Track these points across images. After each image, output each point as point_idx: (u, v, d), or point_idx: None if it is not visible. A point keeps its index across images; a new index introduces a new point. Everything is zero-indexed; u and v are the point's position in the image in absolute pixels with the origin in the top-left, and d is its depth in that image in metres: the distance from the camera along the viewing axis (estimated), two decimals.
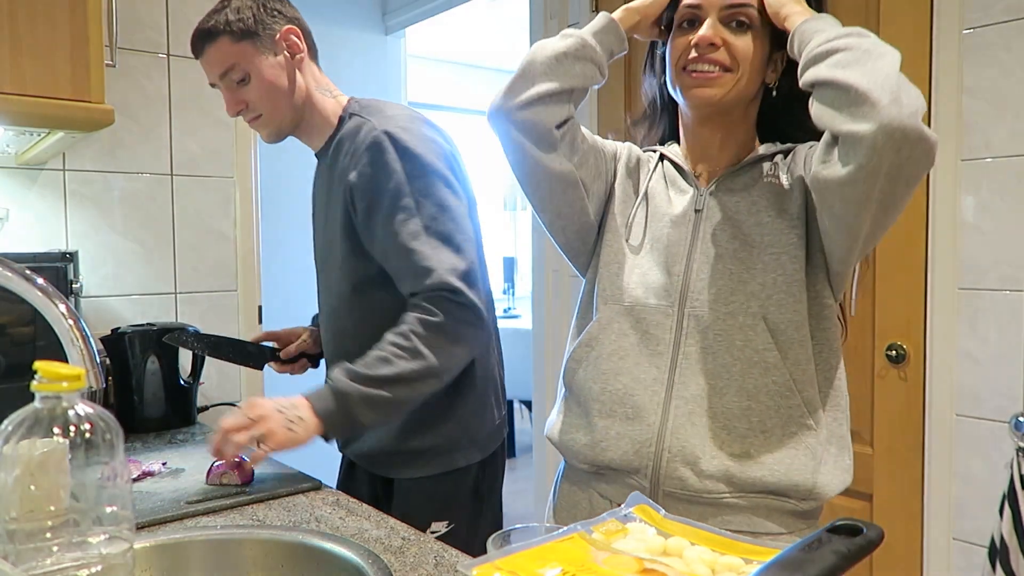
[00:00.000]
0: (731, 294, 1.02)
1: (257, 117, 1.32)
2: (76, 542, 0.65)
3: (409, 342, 1.19)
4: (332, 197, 1.32)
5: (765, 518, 1.02)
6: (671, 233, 1.07)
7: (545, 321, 2.76)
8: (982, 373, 1.72)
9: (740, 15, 1.01)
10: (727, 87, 1.03)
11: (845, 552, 0.56)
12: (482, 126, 1.13)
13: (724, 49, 1.01)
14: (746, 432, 1.00)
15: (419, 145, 1.24)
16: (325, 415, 1.16)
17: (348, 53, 3.60)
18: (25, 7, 1.21)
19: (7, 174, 1.74)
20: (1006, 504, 1.50)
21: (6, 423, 0.63)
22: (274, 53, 1.29)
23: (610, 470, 1.08)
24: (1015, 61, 1.64)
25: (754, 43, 1.02)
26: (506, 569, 0.65)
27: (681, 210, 1.08)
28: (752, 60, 1.03)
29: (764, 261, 1.02)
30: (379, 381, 1.17)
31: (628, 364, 1.06)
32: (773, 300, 1.01)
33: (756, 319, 1.00)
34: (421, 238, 1.21)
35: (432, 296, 1.21)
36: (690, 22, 1.04)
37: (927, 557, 1.82)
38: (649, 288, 1.06)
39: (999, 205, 1.68)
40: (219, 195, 2.02)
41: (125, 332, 1.67)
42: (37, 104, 1.23)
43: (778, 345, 1.00)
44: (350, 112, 1.33)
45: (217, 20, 1.27)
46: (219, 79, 1.31)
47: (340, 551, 0.92)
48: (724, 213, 1.05)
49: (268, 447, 1.12)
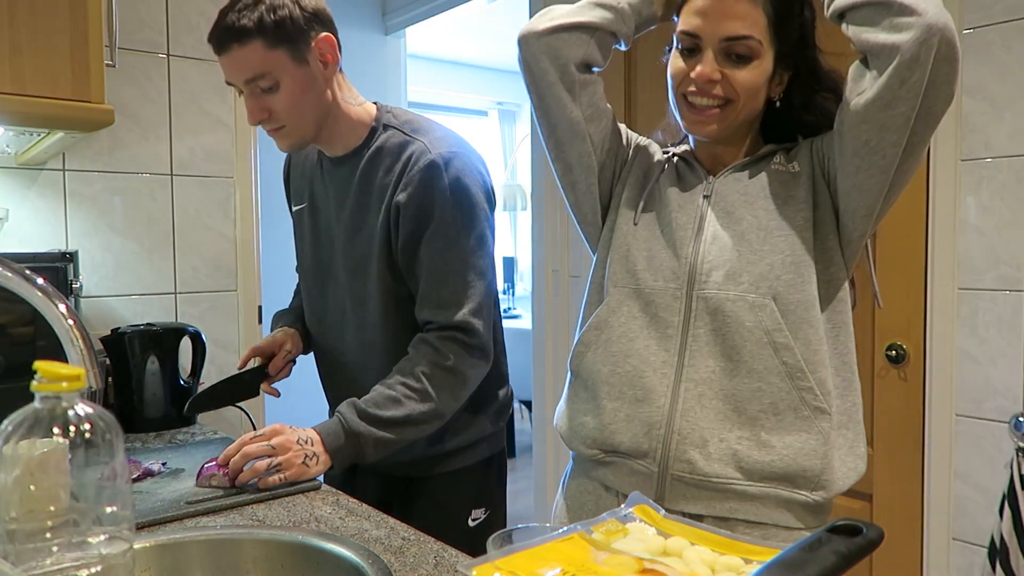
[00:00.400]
0: (740, 275, 1.02)
1: (280, 128, 1.24)
2: (76, 542, 0.65)
3: (420, 384, 1.22)
4: (365, 209, 1.29)
5: (773, 509, 1.02)
6: (679, 217, 1.08)
7: (545, 321, 2.76)
8: (982, 373, 1.72)
9: (740, 48, 1.01)
10: (727, 120, 1.04)
11: (845, 552, 0.56)
12: (482, 126, 1.14)
13: (724, 82, 1.02)
14: (757, 414, 1.01)
15: (469, 176, 1.25)
16: (335, 452, 1.19)
17: (348, 53, 3.57)
18: (25, 7, 1.21)
19: (7, 174, 1.74)
20: (1006, 504, 1.50)
21: (6, 423, 0.63)
22: (307, 62, 1.20)
23: (617, 455, 1.08)
24: (1015, 61, 1.65)
25: (755, 72, 1.02)
26: (506, 569, 0.65)
27: (689, 195, 1.09)
28: (753, 89, 1.03)
29: (772, 243, 1.02)
30: (389, 423, 1.20)
31: (637, 346, 1.07)
32: (782, 280, 1.01)
33: (766, 299, 1.01)
34: (457, 270, 1.24)
35: (446, 336, 1.23)
36: (690, 49, 1.04)
37: (927, 557, 1.82)
38: (658, 271, 1.07)
39: (999, 205, 1.68)
40: (219, 195, 2.02)
41: (125, 332, 1.67)
42: (37, 104, 1.23)
43: (788, 325, 1.00)
44: (384, 123, 1.30)
45: (251, 18, 1.15)
46: (244, 84, 1.21)
47: (340, 551, 0.92)
48: (731, 198, 1.07)
49: (282, 476, 1.15)
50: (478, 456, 1.38)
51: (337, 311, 1.39)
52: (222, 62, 1.21)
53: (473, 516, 1.36)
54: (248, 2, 1.17)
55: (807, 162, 1.06)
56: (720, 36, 1.00)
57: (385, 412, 1.20)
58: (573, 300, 2.65)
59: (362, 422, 1.19)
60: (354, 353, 1.37)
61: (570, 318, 2.66)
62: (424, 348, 1.24)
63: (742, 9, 1.00)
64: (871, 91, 0.93)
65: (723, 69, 1.01)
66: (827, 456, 1.00)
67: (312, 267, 1.42)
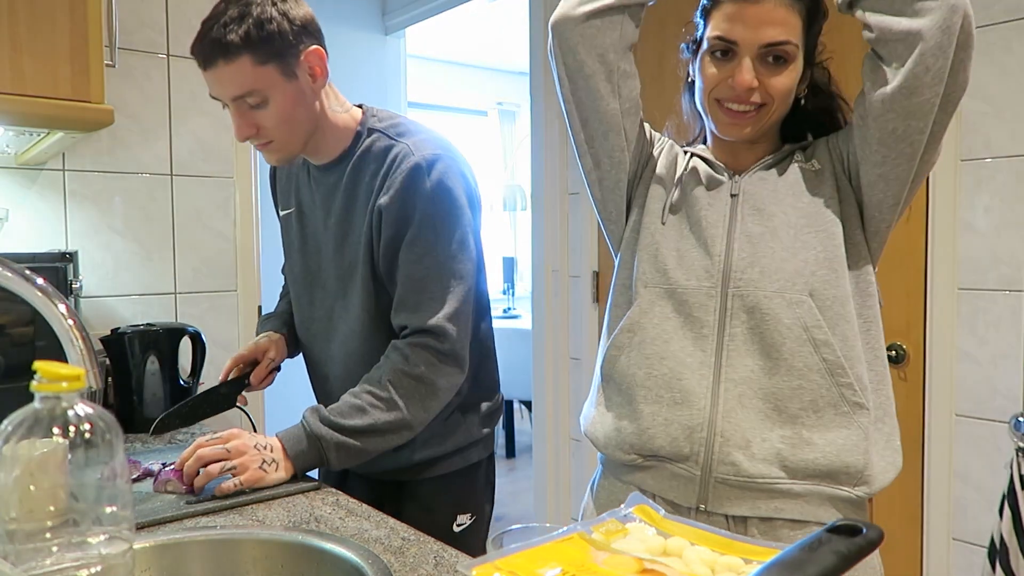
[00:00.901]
0: (776, 272, 1.02)
1: (268, 143, 1.21)
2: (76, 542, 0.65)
3: (386, 392, 1.19)
4: (352, 215, 1.28)
5: (818, 506, 1.02)
6: (708, 215, 1.07)
7: (545, 321, 2.76)
8: (982, 373, 1.72)
9: (778, 51, 1.01)
10: (761, 122, 1.04)
11: (845, 552, 0.56)
12: (482, 126, 1.13)
13: (760, 88, 1.01)
14: (798, 412, 1.00)
15: (452, 179, 1.23)
16: (297, 457, 1.18)
17: (347, 53, 3.60)
18: (25, 7, 1.21)
19: (7, 174, 1.74)
20: (1006, 504, 1.50)
21: (6, 423, 0.63)
22: (297, 77, 1.17)
23: (656, 459, 1.07)
24: (1015, 62, 1.65)
25: (791, 75, 1.03)
26: (506, 569, 0.65)
27: (716, 193, 1.09)
28: (789, 92, 1.04)
29: (803, 240, 1.02)
30: (352, 431, 1.18)
31: (673, 348, 1.06)
32: (818, 276, 1.01)
33: (803, 295, 1.00)
34: (436, 274, 1.21)
35: (417, 343, 1.20)
36: (723, 52, 1.03)
37: (927, 557, 1.82)
38: (690, 270, 1.06)
39: (999, 205, 1.68)
40: (219, 195, 2.02)
41: (125, 332, 1.67)
42: (37, 104, 1.23)
43: (827, 321, 1.00)
44: (368, 127, 1.28)
45: (238, 33, 1.11)
46: (230, 100, 1.17)
47: (340, 551, 0.92)
48: (760, 195, 1.06)
49: (238, 482, 1.12)
50: (466, 461, 1.36)
51: (324, 319, 1.36)
52: (207, 77, 1.16)
53: (458, 521, 1.34)
54: (234, 15, 1.12)
55: (827, 159, 1.06)
56: (759, 43, 1.00)
57: (348, 421, 1.17)
58: (573, 300, 2.65)
59: (324, 426, 1.17)
60: (339, 363, 1.35)
61: (570, 318, 2.66)
62: (394, 356, 1.21)
63: (780, 15, 0.99)
64: (896, 79, 0.93)
65: (760, 75, 1.01)
66: (867, 451, 1.01)
67: (301, 274, 1.40)
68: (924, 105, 0.94)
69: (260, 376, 1.40)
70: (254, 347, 1.41)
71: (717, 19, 1.02)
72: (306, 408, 1.22)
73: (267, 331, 1.46)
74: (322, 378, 1.41)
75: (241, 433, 1.18)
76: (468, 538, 1.33)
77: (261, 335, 1.45)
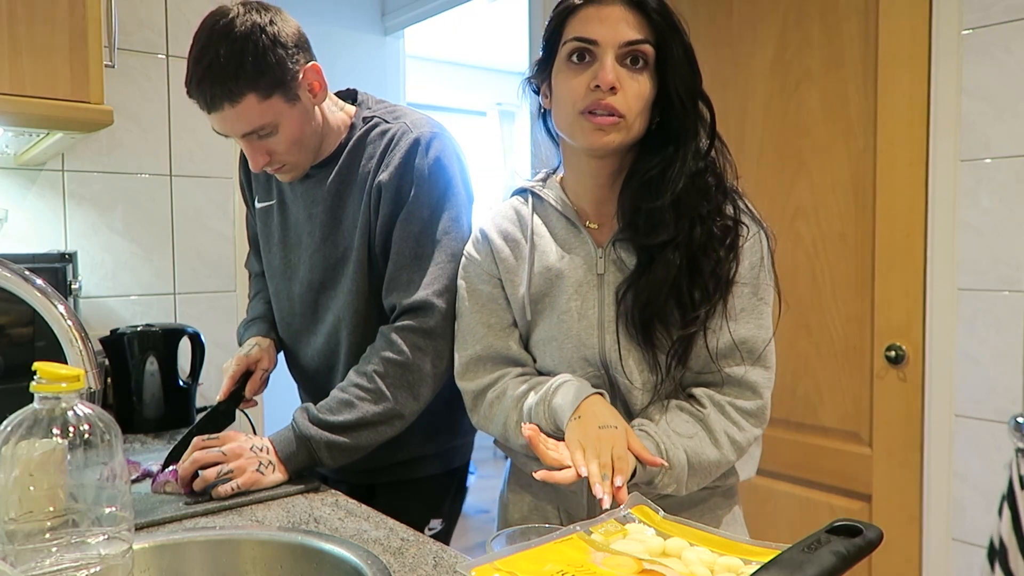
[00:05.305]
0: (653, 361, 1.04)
1: (282, 167, 1.23)
2: (75, 543, 0.65)
3: (373, 383, 1.18)
4: (345, 202, 1.27)
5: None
6: (578, 306, 1.06)
7: None
8: (982, 373, 1.72)
9: (637, 51, 0.98)
10: (622, 134, 1.00)
11: (844, 553, 0.56)
12: (481, 126, 1.13)
13: (620, 93, 0.98)
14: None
15: (448, 157, 1.23)
16: (289, 460, 1.17)
17: (347, 53, 3.60)
18: (25, 7, 1.21)
19: (6, 174, 1.74)
20: (1005, 505, 1.50)
21: (5, 424, 0.63)
22: (299, 98, 1.17)
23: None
24: (1014, 62, 1.65)
25: (645, 85, 0.99)
26: (505, 569, 0.65)
27: (582, 275, 1.07)
28: (644, 104, 1.00)
29: None
30: (342, 427, 1.16)
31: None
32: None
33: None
34: (429, 252, 1.20)
35: (403, 326, 1.19)
36: (580, 56, 0.99)
37: (926, 558, 1.82)
38: (573, 364, 1.07)
39: (998, 205, 1.68)
40: (219, 195, 2.02)
41: (124, 333, 1.67)
42: (37, 105, 1.23)
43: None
44: (363, 116, 1.29)
45: (239, 75, 1.10)
46: (240, 137, 1.18)
47: (339, 552, 0.92)
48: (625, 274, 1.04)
49: (235, 485, 1.11)
50: (441, 468, 1.35)
51: (308, 312, 1.35)
52: (211, 118, 1.16)
53: (430, 526, 1.33)
54: (226, 54, 1.09)
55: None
56: (619, 41, 0.97)
57: (338, 417, 1.16)
58: None
59: (313, 426, 1.16)
60: (324, 357, 1.34)
61: None
62: (379, 343, 1.20)
63: (636, 18, 0.98)
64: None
65: (621, 78, 0.98)
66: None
67: (280, 267, 1.38)
68: None
69: (255, 388, 1.39)
70: (245, 359, 1.38)
71: (572, 25, 1.00)
72: (296, 408, 1.21)
73: (253, 336, 1.43)
74: (306, 372, 1.39)
75: (238, 435, 1.17)
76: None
77: (250, 343, 1.41)
